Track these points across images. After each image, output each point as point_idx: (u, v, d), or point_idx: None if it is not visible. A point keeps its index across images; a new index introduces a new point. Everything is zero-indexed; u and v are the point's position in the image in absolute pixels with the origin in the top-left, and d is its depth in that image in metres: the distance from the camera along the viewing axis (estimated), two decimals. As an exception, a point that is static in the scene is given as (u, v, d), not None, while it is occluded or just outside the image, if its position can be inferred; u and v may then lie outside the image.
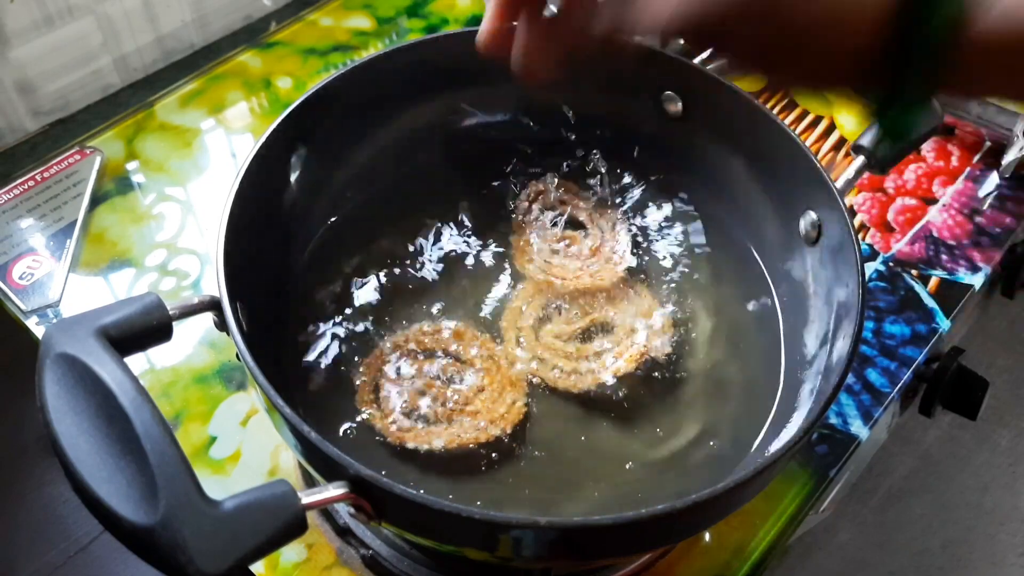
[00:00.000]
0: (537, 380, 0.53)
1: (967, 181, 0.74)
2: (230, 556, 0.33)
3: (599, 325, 0.56)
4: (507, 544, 0.40)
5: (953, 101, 0.75)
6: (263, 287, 0.51)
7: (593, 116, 0.64)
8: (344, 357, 0.53)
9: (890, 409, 0.62)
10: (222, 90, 0.78)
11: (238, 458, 0.57)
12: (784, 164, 0.55)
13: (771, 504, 0.56)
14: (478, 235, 0.60)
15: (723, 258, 0.60)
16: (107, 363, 0.37)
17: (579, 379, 0.53)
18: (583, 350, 0.55)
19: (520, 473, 0.50)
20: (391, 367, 0.53)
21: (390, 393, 0.52)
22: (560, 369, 0.54)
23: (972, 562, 1.11)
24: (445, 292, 0.57)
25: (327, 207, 0.59)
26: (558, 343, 0.55)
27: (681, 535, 0.49)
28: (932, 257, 0.69)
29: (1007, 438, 1.21)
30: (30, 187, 0.69)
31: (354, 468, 0.38)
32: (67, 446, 0.35)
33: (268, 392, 0.40)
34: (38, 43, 0.72)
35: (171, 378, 0.60)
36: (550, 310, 0.57)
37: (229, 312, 0.43)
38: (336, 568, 0.53)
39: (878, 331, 0.64)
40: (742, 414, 0.53)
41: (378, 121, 0.60)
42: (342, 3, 0.86)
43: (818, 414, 0.43)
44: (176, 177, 0.71)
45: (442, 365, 0.53)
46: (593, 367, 0.54)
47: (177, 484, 0.34)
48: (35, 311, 0.63)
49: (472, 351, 0.54)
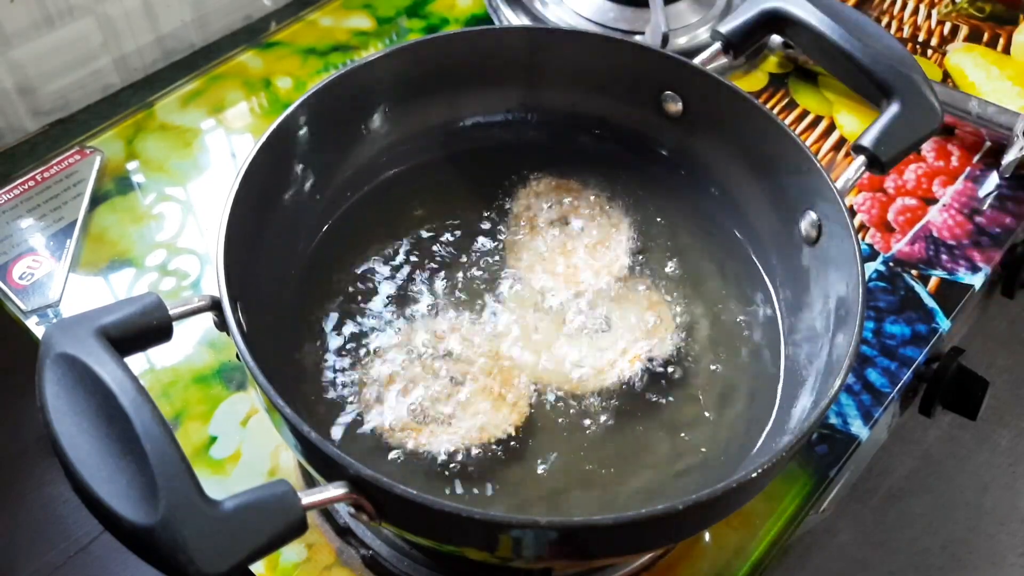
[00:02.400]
0: (538, 380, 0.53)
1: (967, 181, 0.74)
2: (230, 556, 0.33)
3: (599, 325, 0.56)
4: (507, 544, 0.40)
5: (953, 101, 0.75)
6: (263, 287, 0.51)
7: (593, 116, 0.64)
8: (344, 357, 0.54)
9: (890, 409, 0.62)
10: (222, 90, 0.78)
11: (238, 458, 0.57)
12: (784, 164, 0.55)
13: (771, 504, 0.56)
14: (478, 235, 0.60)
15: (723, 258, 0.60)
16: (107, 363, 0.37)
17: (580, 379, 0.53)
18: (584, 350, 0.55)
19: (521, 473, 0.50)
20: (392, 367, 0.53)
21: (391, 393, 0.52)
22: (562, 369, 0.54)
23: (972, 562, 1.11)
24: (445, 292, 0.57)
25: (327, 207, 0.59)
26: (558, 343, 0.55)
27: (681, 535, 0.49)
28: (932, 257, 0.69)
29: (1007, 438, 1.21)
30: (30, 187, 0.69)
31: (354, 468, 0.38)
32: (67, 446, 0.35)
33: (268, 392, 0.40)
34: (38, 43, 0.72)
35: (171, 378, 0.60)
36: (549, 310, 0.57)
37: (229, 312, 0.43)
38: (336, 568, 0.53)
39: (878, 331, 0.64)
40: (743, 414, 0.53)
41: (378, 121, 0.60)
42: (342, 3, 0.86)
43: (818, 414, 0.43)
44: (176, 177, 0.71)
45: (443, 366, 0.53)
46: (595, 367, 0.54)
47: (177, 484, 0.34)
48: (35, 311, 0.63)
49: (473, 351, 0.54)
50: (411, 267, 0.58)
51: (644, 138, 0.63)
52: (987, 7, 0.87)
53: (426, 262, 0.59)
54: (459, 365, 0.53)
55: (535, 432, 0.51)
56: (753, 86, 0.80)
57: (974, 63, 0.81)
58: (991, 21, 0.86)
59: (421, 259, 0.59)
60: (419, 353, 0.54)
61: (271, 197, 0.54)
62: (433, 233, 0.60)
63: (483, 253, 0.59)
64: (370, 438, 0.50)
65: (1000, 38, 0.84)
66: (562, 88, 0.63)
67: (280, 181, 0.55)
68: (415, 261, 0.59)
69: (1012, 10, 0.87)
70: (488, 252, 0.59)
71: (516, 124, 0.64)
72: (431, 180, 0.63)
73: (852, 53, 0.56)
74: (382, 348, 0.54)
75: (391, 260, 0.58)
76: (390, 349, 0.54)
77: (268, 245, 0.53)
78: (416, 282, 0.57)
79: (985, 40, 0.84)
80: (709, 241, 0.61)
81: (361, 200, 0.61)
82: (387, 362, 0.53)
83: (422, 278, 0.58)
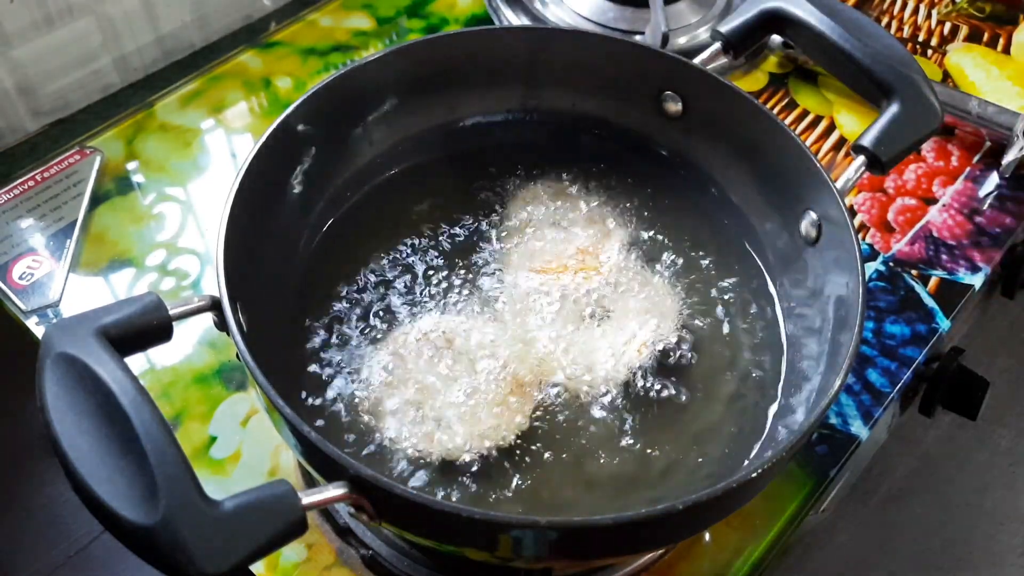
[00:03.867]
0: (542, 380, 0.53)
1: (967, 181, 0.74)
2: (230, 556, 0.33)
3: (599, 323, 0.56)
4: (507, 544, 0.40)
5: (953, 101, 0.75)
6: (263, 287, 0.51)
7: (593, 116, 0.64)
8: (344, 357, 0.53)
9: (890, 409, 0.62)
10: (222, 90, 0.78)
11: (238, 458, 0.57)
12: (784, 164, 0.55)
13: (771, 504, 0.56)
14: (478, 235, 0.60)
15: (723, 257, 0.60)
16: (107, 363, 0.37)
17: (578, 378, 0.53)
18: (585, 349, 0.55)
19: (524, 475, 0.50)
20: (392, 367, 0.53)
21: (391, 393, 0.52)
22: (564, 367, 0.54)
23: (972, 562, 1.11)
24: (446, 292, 0.57)
25: (327, 207, 0.59)
26: (560, 342, 0.55)
27: (681, 535, 0.49)
28: (932, 257, 0.69)
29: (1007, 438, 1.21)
30: (30, 187, 0.69)
31: (354, 468, 0.38)
32: (67, 446, 0.35)
33: (268, 392, 0.40)
34: (38, 43, 0.72)
35: (171, 378, 0.60)
36: (550, 310, 0.56)
37: (229, 312, 0.43)
38: (336, 568, 0.53)
39: (878, 331, 0.64)
40: (743, 414, 0.53)
41: (378, 121, 0.60)
42: (342, 3, 0.86)
43: (818, 414, 0.43)
44: (176, 177, 0.71)
45: (444, 366, 0.53)
46: (595, 365, 0.54)
47: (177, 484, 0.34)
48: (35, 311, 0.63)
49: (475, 351, 0.54)
50: (412, 267, 0.58)
51: (644, 138, 0.63)
52: (987, 7, 0.87)
53: (427, 262, 0.59)
54: (460, 365, 0.53)
55: (539, 433, 0.51)
56: (753, 86, 0.80)
57: (974, 63, 0.81)
58: (991, 21, 0.86)
59: (422, 259, 0.59)
60: (419, 353, 0.54)
61: (271, 197, 0.54)
62: (433, 233, 0.60)
63: (483, 253, 0.59)
64: (371, 438, 0.50)
65: (1000, 38, 0.84)
66: (562, 88, 0.63)
67: (280, 181, 0.55)
68: (416, 261, 0.58)
69: (1012, 10, 0.87)
70: (488, 252, 0.59)
71: (516, 124, 0.64)
72: (431, 180, 0.63)
73: (852, 53, 0.56)
74: (382, 348, 0.54)
75: (391, 260, 0.58)
76: (391, 349, 0.54)
77: (268, 245, 0.53)
78: (416, 282, 0.57)
79: (985, 40, 0.84)
80: (709, 241, 0.61)
81: (361, 200, 0.61)
82: (387, 362, 0.53)
83: (423, 278, 0.58)
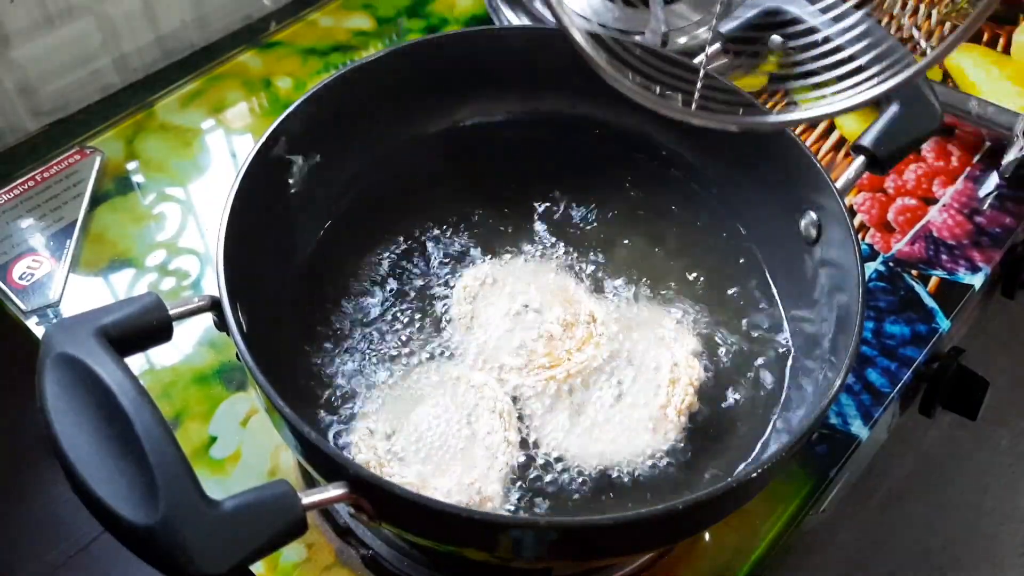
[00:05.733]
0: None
1: (967, 181, 0.74)
2: (230, 556, 0.33)
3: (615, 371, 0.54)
4: (507, 544, 0.40)
5: (953, 101, 0.75)
6: (263, 287, 0.51)
7: (593, 116, 0.64)
8: (344, 357, 0.53)
9: (890, 409, 0.62)
10: (222, 90, 0.78)
11: (238, 458, 0.57)
12: (784, 164, 0.55)
13: (771, 504, 0.56)
14: (478, 236, 0.60)
15: (723, 257, 0.60)
16: (107, 363, 0.37)
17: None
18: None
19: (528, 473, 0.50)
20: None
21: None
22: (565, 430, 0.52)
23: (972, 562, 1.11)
24: (444, 292, 0.57)
25: (327, 207, 0.59)
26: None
27: (681, 535, 0.49)
28: (932, 257, 0.69)
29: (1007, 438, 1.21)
30: (30, 187, 0.69)
31: (354, 468, 0.38)
32: (67, 446, 0.35)
33: (268, 392, 0.40)
34: (38, 43, 0.72)
35: (171, 378, 0.60)
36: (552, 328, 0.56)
37: (229, 312, 0.43)
38: (336, 568, 0.53)
39: (878, 331, 0.64)
40: (743, 414, 0.53)
41: (378, 121, 0.60)
42: (342, 3, 0.86)
43: (818, 414, 0.43)
44: (176, 177, 0.71)
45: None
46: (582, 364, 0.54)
47: (177, 484, 0.34)
48: (35, 311, 0.63)
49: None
50: (411, 268, 0.58)
51: (644, 138, 0.63)
52: (987, 7, 0.87)
53: (427, 263, 0.59)
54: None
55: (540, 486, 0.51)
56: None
57: (974, 63, 0.81)
58: (991, 21, 0.86)
59: (422, 260, 0.59)
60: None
61: (271, 197, 0.54)
62: (433, 233, 0.60)
63: (484, 253, 0.59)
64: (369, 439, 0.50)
65: (1000, 38, 0.84)
66: (562, 89, 0.63)
67: (280, 181, 0.55)
68: (416, 262, 0.58)
69: (1012, 10, 0.87)
70: (489, 251, 0.59)
71: (516, 124, 0.64)
72: (431, 181, 0.63)
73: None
74: (382, 348, 0.54)
75: (391, 260, 0.58)
76: (390, 350, 0.54)
77: (268, 245, 0.53)
78: (417, 283, 0.57)
79: (985, 40, 0.84)
80: (709, 241, 0.61)
81: (361, 200, 0.61)
82: (387, 363, 0.53)
83: (423, 279, 0.58)
